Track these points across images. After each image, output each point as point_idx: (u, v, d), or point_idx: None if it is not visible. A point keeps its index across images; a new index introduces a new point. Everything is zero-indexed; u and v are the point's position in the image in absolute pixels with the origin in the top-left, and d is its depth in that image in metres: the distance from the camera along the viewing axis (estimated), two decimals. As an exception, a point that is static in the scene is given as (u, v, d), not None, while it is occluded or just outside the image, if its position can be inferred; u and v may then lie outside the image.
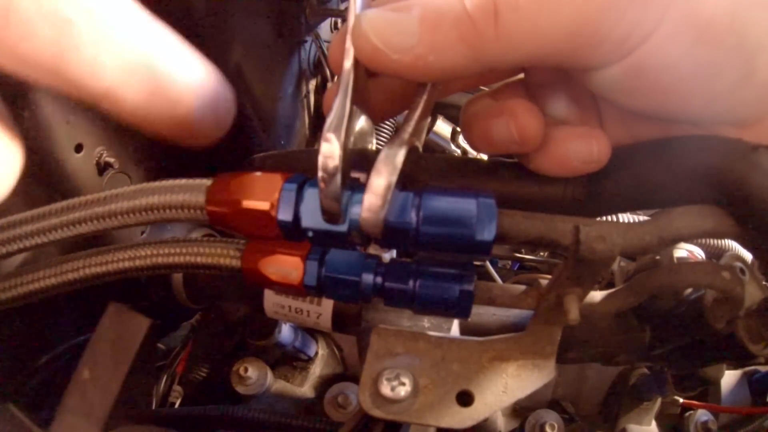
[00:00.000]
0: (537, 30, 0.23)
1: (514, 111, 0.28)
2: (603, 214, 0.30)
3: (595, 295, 0.37)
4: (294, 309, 0.47)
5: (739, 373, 0.71)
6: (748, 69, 0.24)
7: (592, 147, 0.28)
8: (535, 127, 0.28)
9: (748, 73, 0.24)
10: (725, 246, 0.66)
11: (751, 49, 0.24)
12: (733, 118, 0.27)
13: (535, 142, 0.28)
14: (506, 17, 0.23)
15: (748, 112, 0.26)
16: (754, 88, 0.25)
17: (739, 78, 0.24)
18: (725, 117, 0.26)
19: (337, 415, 0.65)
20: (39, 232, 0.33)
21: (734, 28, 0.23)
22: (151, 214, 0.33)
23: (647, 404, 0.66)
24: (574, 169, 0.29)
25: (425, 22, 0.23)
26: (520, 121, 0.27)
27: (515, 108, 0.28)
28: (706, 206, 0.28)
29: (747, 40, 0.23)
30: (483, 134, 0.29)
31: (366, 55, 0.24)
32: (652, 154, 0.28)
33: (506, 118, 0.28)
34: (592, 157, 0.28)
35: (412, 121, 0.26)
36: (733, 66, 0.24)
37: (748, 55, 0.24)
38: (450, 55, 0.24)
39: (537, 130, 0.28)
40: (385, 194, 0.23)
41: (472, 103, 0.31)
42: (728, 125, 0.27)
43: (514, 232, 0.28)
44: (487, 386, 0.33)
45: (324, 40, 0.87)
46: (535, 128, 0.28)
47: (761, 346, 0.35)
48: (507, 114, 0.28)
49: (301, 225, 0.28)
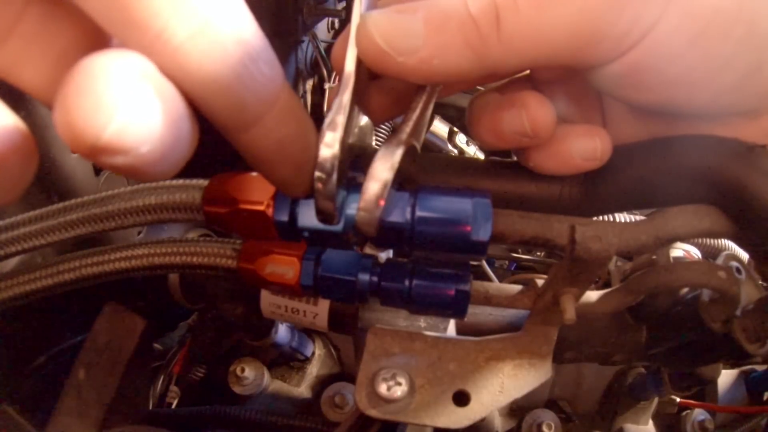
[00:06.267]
0: (538, 32, 0.23)
1: (526, 102, 0.27)
2: (599, 214, 0.30)
3: (591, 295, 0.37)
4: (290, 309, 0.47)
5: (736, 372, 0.71)
6: (758, 60, 0.24)
7: (595, 144, 0.28)
8: (547, 119, 0.27)
9: (759, 64, 0.24)
10: (722, 245, 0.66)
11: (761, 40, 0.23)
12: (742, 110, 0.26)
13: (547, 135, 0.27)
14: (508, 21, 0.23)
15: (759, 104, 0.26)
16: (762, 79, 0.24)
17: (749, 70, 0.24)
18: (734, 109, 0.26)
19: (334, 415, 0.65)
20: (36, 234, 0.33)
21: (742, 18, 0.23)
22: (147, 215, 0.33)
23: (644, 404, 0.66)
24: (576, 167, 0.28)
25: (430, 24, 0.23)
26: (531, 112, 0.27)
27: (527, 99, 0.27)
28: (703, 206, 0.28)
29: (756, 31, 0.23)
30: (492, 127, 0.29)
31: (371, 57, 0.24)
32: (649, 154, 0.28)
33: (518, 110, 0.27)
34: (595, 154, 0.28)
35: (410, 121, 0.26)
36: (742, 58, 0.23)
37: (757, 45, 0.23)
38: (455, 59, 0.24)
39: (549, 121, 0.27)
40: (381, 194, 0.23)
41: (480, 98, 0.31)
42: (736, 117, 0.27)
43: (510, 231, 0.28)
44: (483, 386, 0.33)
45: (321, 40, 0.87)
46: (547, 120, 0.27)
47: (757, 346, 0.35)
48: (519, 105, 0.27)
49: (297, 225, 0.28)
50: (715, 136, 0.27)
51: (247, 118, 0.20)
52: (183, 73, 0.18)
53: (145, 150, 0.17)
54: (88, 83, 0.16)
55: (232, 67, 0.18)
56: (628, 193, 0.29)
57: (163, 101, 0.17)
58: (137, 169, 0.17)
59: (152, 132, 0.17)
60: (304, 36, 0.85)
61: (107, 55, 0.16)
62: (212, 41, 0.17)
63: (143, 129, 0.17)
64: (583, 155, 0.28)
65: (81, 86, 0.16)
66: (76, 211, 0.33)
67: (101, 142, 0.16)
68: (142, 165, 0.17)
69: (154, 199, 0.31)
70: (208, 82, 0.18)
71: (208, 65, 0.18)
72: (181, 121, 0.18)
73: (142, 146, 0.17)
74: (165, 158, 0.18)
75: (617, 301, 0.36)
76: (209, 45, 0.17)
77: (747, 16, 0.23)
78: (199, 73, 0.18)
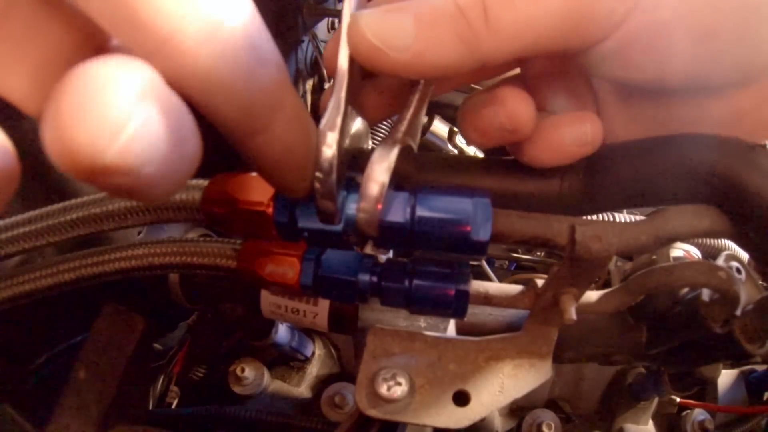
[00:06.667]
0: (527, 19, 0.23)
1: (503, 98, 0.28)
2: (599, 211, 0.30)
3: (591, 295, 0.37)
4: (290, 309, 0.47)
5: (736, 372, 0.71)
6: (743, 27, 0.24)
7: (585, 128, 0.28)
8: (525, 112, 0.27)
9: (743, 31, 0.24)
10: (722, 245, 0.66)
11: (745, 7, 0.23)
12: (730, 80, 0.26)
13: (527, 128, 0.28)
14: (495, 10, 0.23)
15: (744, 73, 0.26)
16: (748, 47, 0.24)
17: (735, 36, 0.24)
18: (723, 79, 0.26)
19: (333, 415, 0.65)
20: (36, 234, 0.33)
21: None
22: (147, 215, 0.33)
23: (644, 404, 0.66)
24: (570, 155, 0.28)
25: (420, 20, 0.23)
26: (509, 108, 0.27)
27: (504, 95, 0.28)
28: (703, 206, 0.28)
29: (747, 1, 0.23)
30: (476, 125, 0.29)
31: (364, 54, 0.24)
32: (649, 152, 0.28)
33: (496, 107, 0.28)
34: (586, 138, 0.28)
35: (405, 120, 0.26)
36: (728, 24, 0.24)
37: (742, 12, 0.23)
38: (447, 52, 0.24)
39: (527, 115, 0.27)
40: (380, 194, 0.23)
41: (469, 99, 0.31)
42: (729, 87, 0.27)
43: (510, 231, 0.28)
44: (483, 386, 0.33)
45: (321, 40, 0.87)
46: (525, 113, 0.27)
47: (758, 346, 0.35)
48: (497, 102, 0.28)
49: (297, 225, 0.28)
50: (715, 135, 0.27)
51: (256, 125, 0.20)
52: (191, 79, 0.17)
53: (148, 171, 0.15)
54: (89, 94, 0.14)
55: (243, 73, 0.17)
56: (627, 190, 0.28)
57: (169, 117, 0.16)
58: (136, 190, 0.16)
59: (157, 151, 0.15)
60: (304, 36, 0.85)
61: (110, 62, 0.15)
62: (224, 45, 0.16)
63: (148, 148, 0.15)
64: (576, 141, 0.28)
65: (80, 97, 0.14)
66: (76, 211, 0.33)
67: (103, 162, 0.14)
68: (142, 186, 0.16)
69: (154, 199, 0.31)
70: (219, 88, 0.17)
71: (219, 70, 0.17)
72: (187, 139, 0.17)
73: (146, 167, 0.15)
74: (167, 179, 0.16)
75: (617, 301, 0.36)
76: (221, 49, 0.16)
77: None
78: (209, 79, 0.17)
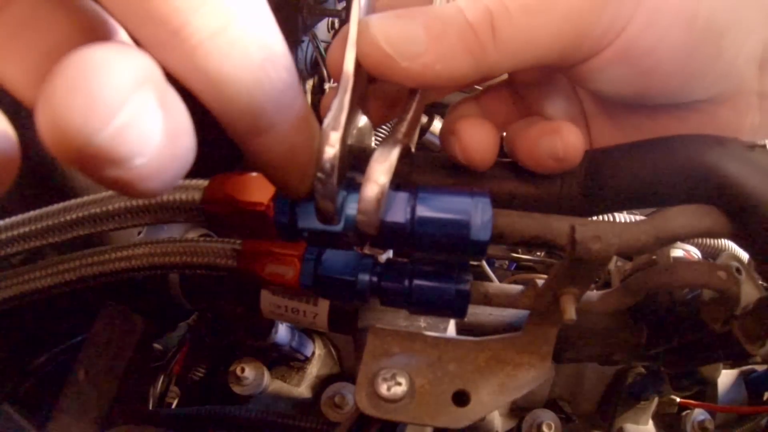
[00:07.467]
0: (530, 37, 0.25)
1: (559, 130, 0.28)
2: (599, 213, 0.30)
3: (591, 295, 0.37)
4: (290, 309, 0.47)
5: (736, 372, 0.71)
6: (717, 48, 0.26)
7: (556, 143, 0.28)
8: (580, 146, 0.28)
9: (718, 51, 0.26)
10: (722, 246, 0.66)
11: (718, 31, 0.25)
12: (707, 95, 0.28)
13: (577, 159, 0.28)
14: (502, 28, 0.24)
15: (719, 89, 0.28)
16: (722, 65, 0.27)
17: (710, 57, 0.26)
18: (701, 94, 0.28)
19: (333, 415, 0.65)
20: (36, 234, 0.33)
21: (701, 13, 0.25)
22: (147, 215, 0.33)
23: (644, 404, 0.66)
24: (549, 167, 0.29)
25: (431, 31, 0.24)
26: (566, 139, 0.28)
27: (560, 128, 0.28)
28: (703, 206, 0.28)
29: (714, 23, 0.25)
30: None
31: (374, 62, 0.24)
32: (648, 153, 0.28)
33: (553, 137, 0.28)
34: (557, 154, 0.28)
35: (405, 121, 0.26)
36: (704, 46, 0.26)
37: (715, 36, 0.25)
38: (456, 64, 0.25)
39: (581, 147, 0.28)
40: (380, 194, 0.23)
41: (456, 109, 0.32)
42: (705, 103, 0.29)
43: (510, 231, 0.28)
44: (483, 386, 0.33)
45: (321, 40, 0.87)
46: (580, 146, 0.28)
47: (757, 346, 0.35)
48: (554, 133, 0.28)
49: (297, 225, 0.28)
50: (714, 136, 0.27)
51: (262, 124, 0.19)
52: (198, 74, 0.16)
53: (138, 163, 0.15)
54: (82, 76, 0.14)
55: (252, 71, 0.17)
56: (627, 192, 0.29)
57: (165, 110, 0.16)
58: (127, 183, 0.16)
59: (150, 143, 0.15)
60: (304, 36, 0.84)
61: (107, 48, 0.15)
62: (234, 42, 0.16)
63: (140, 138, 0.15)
64: (549, 154, 0.28)
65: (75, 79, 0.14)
66: (76, 211, 0.33)
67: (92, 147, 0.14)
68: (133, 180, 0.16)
69: (154, 199, 0.31)
70: (226, 85, 0.17)
71: (228, 67, 0.16)
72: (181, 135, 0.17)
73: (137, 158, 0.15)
74: (158, 175, 0.16)
75: (617, 301, 0.36)
76: (231, 46, 0.16)
77: (705, 11, 0.25)
78: (218, 75, 0.17)
